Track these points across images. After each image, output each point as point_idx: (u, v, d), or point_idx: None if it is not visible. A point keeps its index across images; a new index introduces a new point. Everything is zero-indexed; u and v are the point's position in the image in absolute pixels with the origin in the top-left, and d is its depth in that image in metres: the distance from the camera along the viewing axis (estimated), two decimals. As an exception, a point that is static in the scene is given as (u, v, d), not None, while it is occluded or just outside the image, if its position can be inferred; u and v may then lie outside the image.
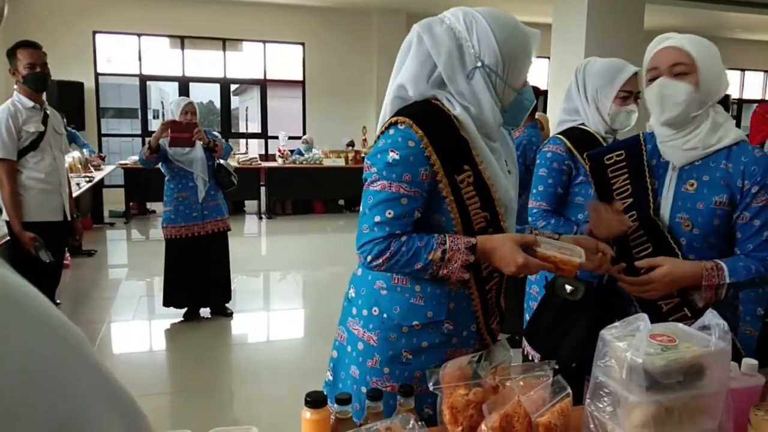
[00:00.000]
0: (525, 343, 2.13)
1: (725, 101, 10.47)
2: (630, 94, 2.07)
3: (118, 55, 9.47)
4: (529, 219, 2.14)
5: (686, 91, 1.47)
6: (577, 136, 2.09)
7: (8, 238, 3.39)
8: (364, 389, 1.42)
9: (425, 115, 1.33)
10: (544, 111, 5.71)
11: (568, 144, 2.06)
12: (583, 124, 2.12)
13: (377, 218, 1.31)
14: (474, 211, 1.35)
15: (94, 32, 8.94)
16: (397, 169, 1.29)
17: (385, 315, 1.41)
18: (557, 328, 1.66)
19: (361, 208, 1.37)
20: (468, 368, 1.16)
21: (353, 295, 1.49)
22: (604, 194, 1.66)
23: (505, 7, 7.26)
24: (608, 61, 2.13)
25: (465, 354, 1.38)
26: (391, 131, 1.32)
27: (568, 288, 1.65)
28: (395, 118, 1.33)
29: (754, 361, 1.17)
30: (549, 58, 5.85)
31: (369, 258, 1.32)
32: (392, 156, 1.29)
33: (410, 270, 1.31)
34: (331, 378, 1.53)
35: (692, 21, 9.78)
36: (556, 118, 5.44)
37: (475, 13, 1.34)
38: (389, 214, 1.31)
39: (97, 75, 9.10)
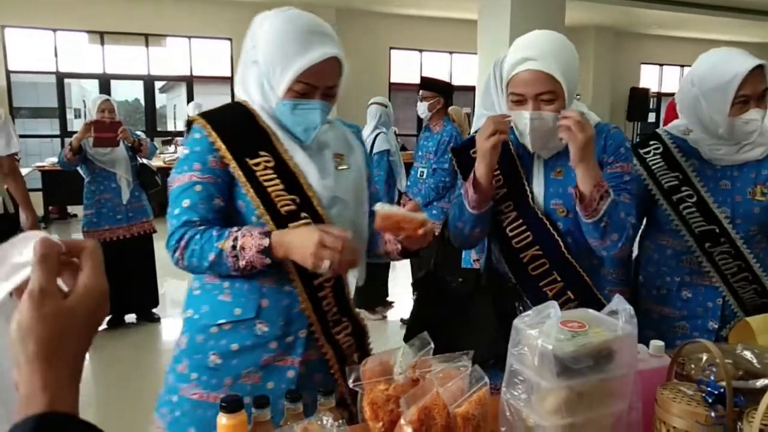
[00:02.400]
0: None
1: (645, 95, 10.80)
2: None
3: (32, 51, 8.95)
4: None
5: (554, 118, 1.45)
6: None
7: None
8: (174, 398, 1.36)
9: (220, 110, 1.41)
10: (473, 106, 5.81)
11: None
12: None
13: (176, 210, 1.31)
14: (276, 193, 1.32)
15: (3, 26, 8.43)
16: (187, 161, 1.33)
17: (195, 316, 1.37)
18: (456, 325, 1.58)
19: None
20: (389, 363, 1.15)
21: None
22: None
23: (434, 3, 7.32)
24: None
25: (291, 363, 1.34)
26: (189, 132, 1.38)
27: (453, 281, 1.61)
28: (190, 119, 1.38)
29: (661, 343, 1.22)
30: (476, 53, 5.96)
31: (171, 252, 1.30)
32: (182, 152, 1.36)
33: (207, 262, 1.26)
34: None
35: (611, 17, 10.21)
36: (482, 114, 5.53)
37: (277, 12, 1.35)
38: (185, 203, 1.30)
39: (8, 72, 8.58)
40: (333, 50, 1.31)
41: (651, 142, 1.80)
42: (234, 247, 1.24)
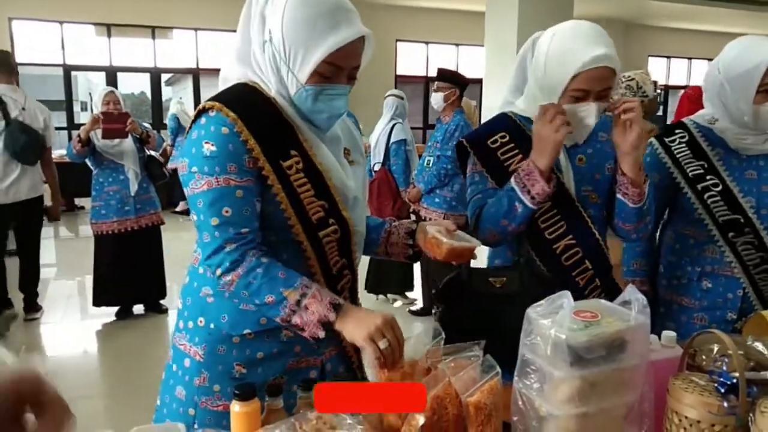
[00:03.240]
0: None
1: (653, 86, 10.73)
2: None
3: (40, 43, 8.97)
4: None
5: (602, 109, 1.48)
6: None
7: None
8: (192, 411, 1.28)
9: (239, 97, 1.21)
10: (480, 99, 5.79)
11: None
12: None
13: (214, 220, 1.15)
14: (308, 200, 1.21)
15: (11, 19, 8.45)
16: (218, 161, 1.15)
17: (212, 325, 1.26)
18: (500, 328, 1.37)
19: (194, 217, 1.21)
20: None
21: (180, 306, 1.35)
22: (499, 177, 1.57)
23: (439, -6, 7.12)
24: None
25: (313, 363, 1.29)
26: (202, 120, 1.18)
27: (497, 282, 1.55)
28: (204, 104, 1.19)
29: (673, 334, 1.22)
30: (483, 46, 5.93)
31: (219, 271, 1.17)
32: (208, 148, 1.15)
33: (260, 300, 1.15)
34: (158, 403, 1.38)
35: (619, 9, 10.13)
36: (490, 106, 5.49)
37: None
38: (226, 212, 1.15)
39: (15, 64, 8.60)
40: (363, 28, 1.18)
41: (676, 131, 1.79)
42: (298, 302, 1.13)
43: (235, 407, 1.01)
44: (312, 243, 1.23)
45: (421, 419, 0.99)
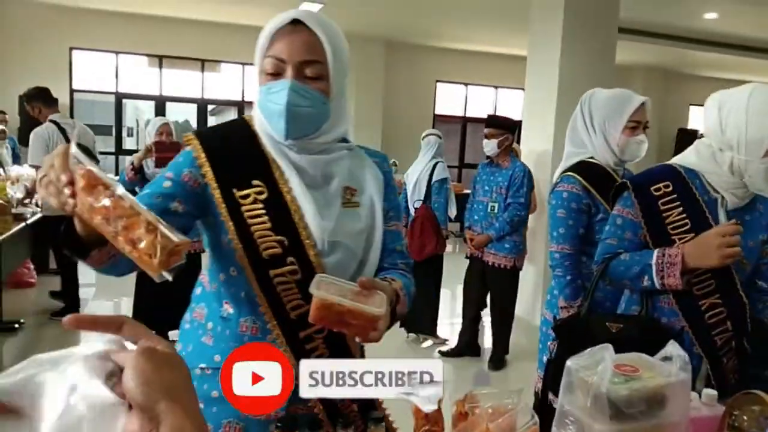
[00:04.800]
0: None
1: (693, 137, 10.73)
2: (638, 124, 2.05)
3: (95, 72, 9.38)
4: (550, 263, 2.05)
5: None
6: (588, 171, 2.04)
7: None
8: None
9: (218, 128, 1.31)
10: (518, 141, 5.82)
11: (584, 182, 2.01)
12: (591, 157, 2.07)
13: None
14: (260, 233, 1.14)
15: (71, 48, 8.88)
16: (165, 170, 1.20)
17: (183, 352, 1.23)
18: None
19: None
20: None
21: None
22: (655, 227, 1.57)
23: (482, 39, 7.31)
24: (614, 92, 2.10)
25: (275, 416, 1.11)
26: None
27: (613, 327, 1.53)
28: (185, 136, 1.25)
29: (714, 392, 1.22)
30: (521, 89, 5.99)
31: None
32: None
33: None
34: None
35: (661, 58, 10.13)
36: (529, 149, 5.50)
37: None
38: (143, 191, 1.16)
39: (72, 91, 9.01)
40: (298, 15, 1.15)
41: None
42: None
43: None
44: (260, 280, 1.15)
45: (458, 463, 1.01)
